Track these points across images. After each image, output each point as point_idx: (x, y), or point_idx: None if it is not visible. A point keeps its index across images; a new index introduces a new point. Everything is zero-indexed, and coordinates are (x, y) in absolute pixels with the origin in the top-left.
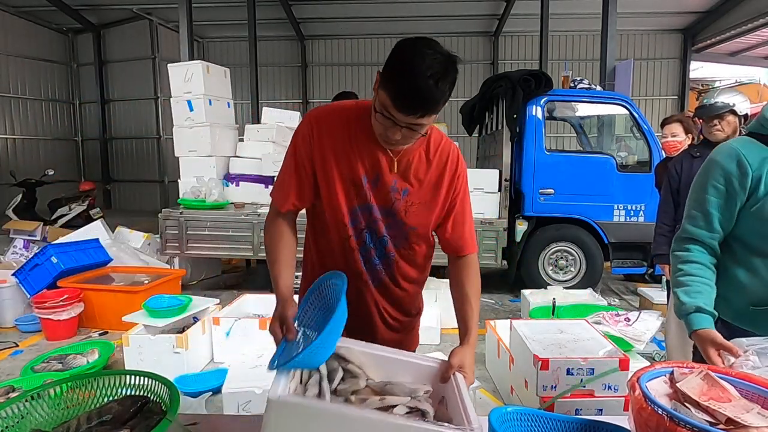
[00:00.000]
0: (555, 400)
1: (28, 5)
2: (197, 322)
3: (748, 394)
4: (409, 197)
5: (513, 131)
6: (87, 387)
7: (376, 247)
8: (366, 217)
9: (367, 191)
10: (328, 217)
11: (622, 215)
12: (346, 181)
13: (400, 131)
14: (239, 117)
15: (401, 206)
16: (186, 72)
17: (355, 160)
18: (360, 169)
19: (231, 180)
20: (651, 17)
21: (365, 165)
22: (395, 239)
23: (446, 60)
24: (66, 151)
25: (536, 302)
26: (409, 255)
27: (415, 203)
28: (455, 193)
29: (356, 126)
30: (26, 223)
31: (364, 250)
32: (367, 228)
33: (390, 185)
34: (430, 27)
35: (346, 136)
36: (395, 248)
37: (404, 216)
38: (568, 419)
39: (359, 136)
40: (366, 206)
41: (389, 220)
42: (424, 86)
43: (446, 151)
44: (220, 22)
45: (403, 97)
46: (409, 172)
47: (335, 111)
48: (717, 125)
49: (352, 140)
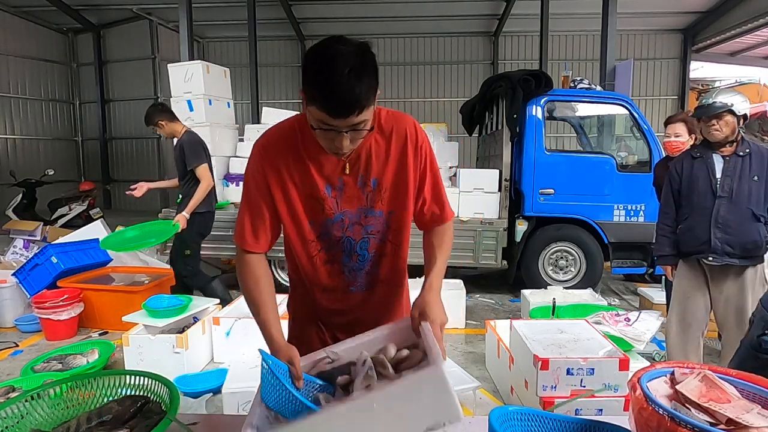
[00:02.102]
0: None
1: (28, 5)
2: (197, 322)
3: (748, 395)
4: (381, 184)
5: (513, 131)
6: (87, 387)
7: (359, 252)
8: (340, 227)
9: (334, 201)
10: (297, 241)
11: (622, 215)
12: (310, 198)
13: (346, 137)
14: (239, 117)
15: (376, 197)
16: (186, 72)
17: (313, 173)
18: (320, 182)
19: (231, 180)
20: (651, 17)
21: (325, 175)
22: (378, 234)
23: (359, 50)
24: (66, 151)
25: (536, 302)
26: (393, 249)
27: (387, 188)
28: (423, 164)
29: (304, 138)
30: (26, 223)
31: (346, 259)
32: (345, 237)
33: (357, 183)
34: (430, 27)
35: (297, 153)
36: (379, 244)
37: (382, 205)
38: (568, 419)
39: (310, 148)
40: (338, 216)
41: (368, 218)
42: (347, 85)
43: (401, 125)
44: (220, 22)
45: (332, 103)
46: (371, 161)
47: (280, 131)
48: (715, 125)
49: (304, 155)
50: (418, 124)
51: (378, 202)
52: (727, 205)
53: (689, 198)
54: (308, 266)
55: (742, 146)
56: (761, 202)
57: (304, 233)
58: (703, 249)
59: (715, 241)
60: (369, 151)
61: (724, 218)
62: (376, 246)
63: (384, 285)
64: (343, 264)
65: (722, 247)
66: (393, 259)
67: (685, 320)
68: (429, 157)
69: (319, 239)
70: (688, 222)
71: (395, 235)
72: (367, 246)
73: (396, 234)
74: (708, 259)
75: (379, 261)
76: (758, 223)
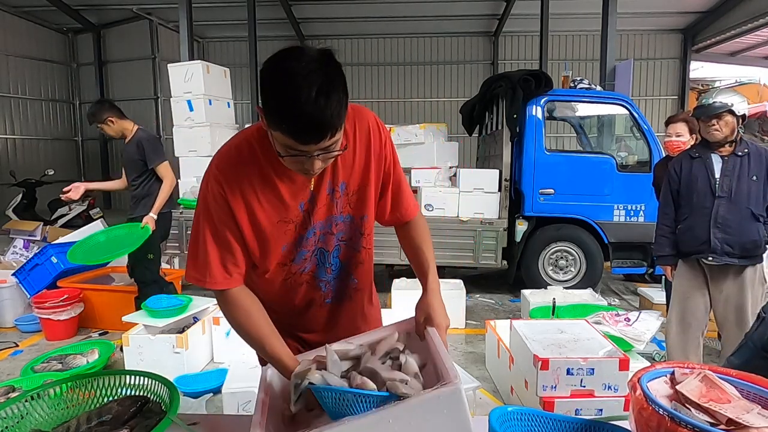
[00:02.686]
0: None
1: (28, 5)
2: (197, 322)
3: (748, 395)
4: (348, 188)
5: (513, 131)
6: (87, 387)
7: (332, 261)
8: (312, 241)
9: (306, 215)
10: (267, 265)
11: (622, 215)
12: (282, 223)
13: (317, 159)
14: (239, 117)
15: (345, 201)
16: (186, 72)
17: (284, 194)
18: (293, 202)
19: None
20: (651, 17)
21: (296, 191)
22: (349, 241)
23: (321, 64)
24: (66, 151)
25: (536, 302)
26: (368, 255)
27: (354, 191)
28: (386, 162)
29: (266, 155)
30: (26, 223)
31: (320, 273)
32: (317, 250)
33: (327, 190)
34: (430, 27)
35: (262, 173)
36: (352, 252)
37: (350, 209)
38: (568, 419)
39: (276, 165)
40: (311, 230)
41: (338, 224)
42: (315, 110)
43: (364, 124)
44: (220, 22)
45: (300, 130)
46: (337, 165)
47: (236, 150)
48: (715, 125)
49: (271, 174)
50: (378, 118)
51: (346, 206)
52: (726, 205)
53: (688, 198)
54: (281, 290)
55: (740, 146)
56: (760, 201)
57: (277, 259)
58: (703, 249)
59: (714, 241)
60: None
61: (724, 218)
62: (349, 254)
63: (359, 293)
64: (318, 278)
65: (722, 247)
66: (366, 266)
67: (685, 320)
68: (392, 153)
69: (293, 262)
70: (688, 222)
71: (367, 240)
72: (339, 253)
73: (368, 239)
74: (707, 259)
75: (355, 269)
76: (757, 223)
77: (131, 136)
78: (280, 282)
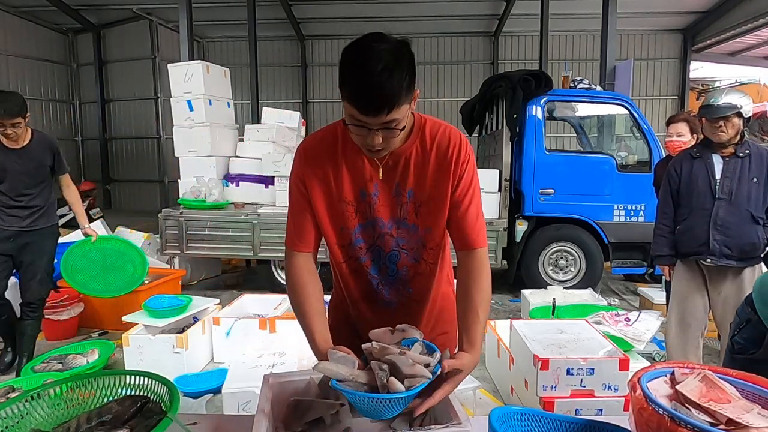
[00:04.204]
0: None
1: (28, 5)
2: (197, 322)
3: (747, 395)
4: (416, 197)
5: (513, 131)
6: (87, 387)
7: (388, 264)
8: (371, 235)
9: (367, 206)
10: (332, 245)
11: (622, 215)
12: (342, 203)
13: (378, 135)
14: (239, 117)
15: (410, 209)
16: (186, 72)
17: (349, 178)
18: (355, 187)
19: (231, 180)
20: (651, 17)
21: (360, 180)
22: (410, 251)
23: (396, 48)
24: (66, 151)
25: (536, 302)
26: (430, 269)
27: (423, 202)
28: (459, 181)
29: (344, 142)
30: None
31: (375, 270)
32: (375, 245)
33: (392, 190)
34: (430, 27)
35: (335, 158)
36: (412, 262)
37: (416, 219)
38: (568, 419)
39: (348, 152)
40: (370, 222)
41: (401, 230)
42: (378, 82)
43: (445, 138)
44: (220, 22)
45: (363, 99)
46: (409, 171)
47: (321, 135)
48: (722, 126)
49: (342, 159)
50: (464, 137)
51: (412, 214)
52: (726, 206)
53: (688, 198)
54: (340, 271)
55: (741, 147)
56: (760, 204)
57: (336, 238)
58: (702, 250)
59: (713, 243)
60: (408, 160)
61: (723, 220)
62: (409, 264)
63: (417, 305)
64: (371, 275)
65: (720, 249)
66: (428, 279)
67: (685, 320)
68: (469, 174)
69: (349, 246)
70: (687, 222)
71: (431, 254)
72: (397, 260)
73: (433, 253)
74: (706, 260)
75: (412, 279)
76: (757, 225)
77: (31, 137)
78: (336, 264)
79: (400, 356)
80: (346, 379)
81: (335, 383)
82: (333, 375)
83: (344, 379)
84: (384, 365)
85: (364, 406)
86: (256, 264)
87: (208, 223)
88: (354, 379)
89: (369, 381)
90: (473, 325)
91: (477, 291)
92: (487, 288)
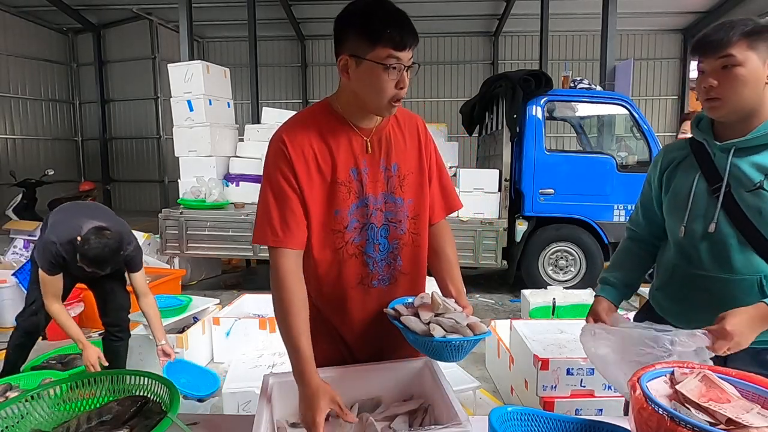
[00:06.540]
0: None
1: (28, 5)
2: (197, 322)
3: (747, 394)
4: (400, 170)
5: (513, 131)
6: (87, 387)
7: (380, 240)
8: (364, 213)
9: (359, 184)
10: (321, 235)
11: (622, 215)
12: (335, 184)
13: (406, 74)
14: (239, 117)
15: (396, 182)
16: (186, 72)
17: (338, 156)
18: (346, 165)
19: (231, 180)
20: (651, 17)
21: (349, 156)
22: (398, 223)
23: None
24: (66, 151)
25: (536, 302)
26: (413, 239)
27: (406, 175)
28: (430, 158)
29: (329, 120)
30: (26, 223)
31: (369, 248)
32: (369, 223)
33: (380, 165)
34: (430, 27)
35: (322, 137)
36: (399, 234)
37: (401, 191)
38: (568, 419)
39: (336, 130)
40: (363, 200)
41: (389, 204)
42: (404, 18)
43: (412, 119)
44: (220, 22)
45: (398, 31)
46: (391, 146)
47: (302, 117)
48: None
49: (329, 137)
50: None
51: (398, 188)
52: None
53: None
54: (334, 261)
55: None
56: None
57: (330, 224)
58: None
59: None
60: (388, 136)
61: None
62: (397, 235)
63: (406, 277)
64: (366, 254)
65: None
66: (413, 250)
67: None
68: (436, 151)
69: (346, 229)
70: None
71: (413, 223)
72: (387, 234)
73: (414, 223)
74: None
75: (400, 251)
76: None
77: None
78: (332, 252)
79: (455, 313)
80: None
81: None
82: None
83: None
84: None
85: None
86: (256, 264)
87: (208, 223)
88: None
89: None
90: (458, 277)
91: (453, 252)
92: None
